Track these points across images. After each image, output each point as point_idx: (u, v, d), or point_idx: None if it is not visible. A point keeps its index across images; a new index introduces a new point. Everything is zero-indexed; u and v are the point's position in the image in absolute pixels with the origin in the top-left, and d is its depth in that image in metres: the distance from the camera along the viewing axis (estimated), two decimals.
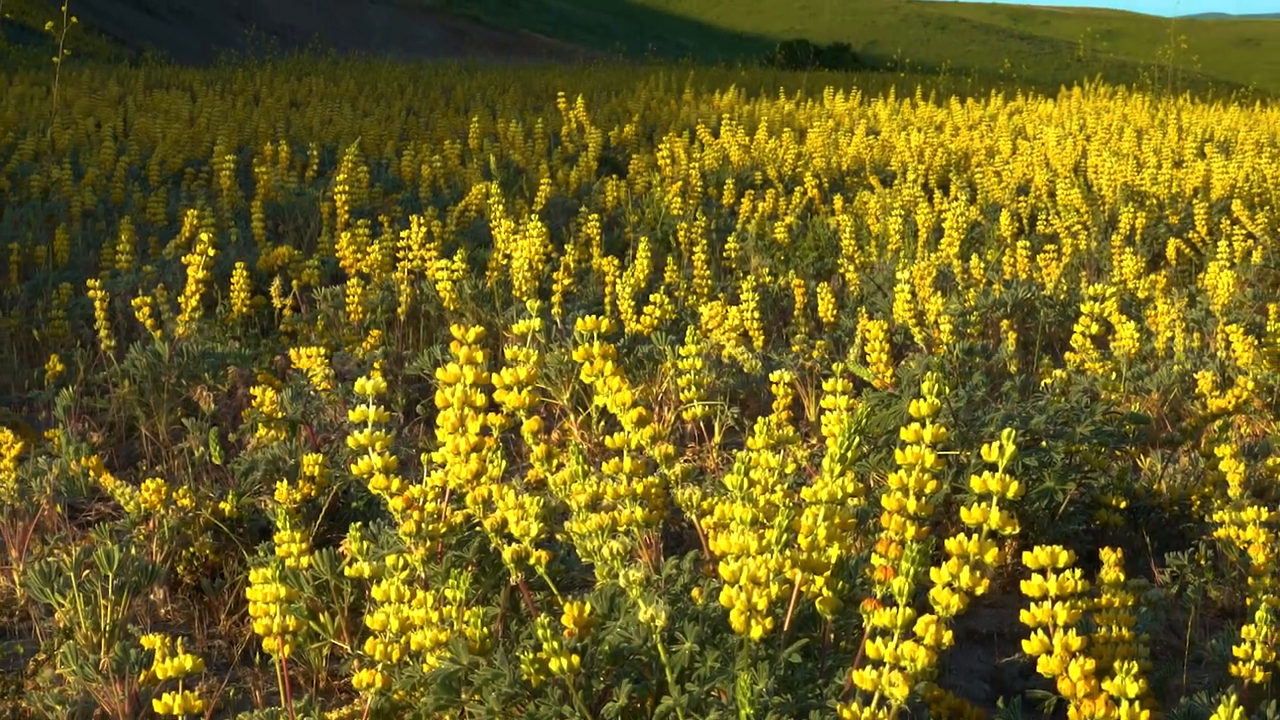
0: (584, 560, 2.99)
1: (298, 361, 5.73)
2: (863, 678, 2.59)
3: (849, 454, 2.81)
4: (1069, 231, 10.05)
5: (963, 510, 2.65)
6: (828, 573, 2.79)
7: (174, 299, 6.77)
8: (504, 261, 7.98)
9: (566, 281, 7.30)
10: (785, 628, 2.74)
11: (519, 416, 3.06)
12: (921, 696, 2.67)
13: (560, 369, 5.71)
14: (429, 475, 3.33)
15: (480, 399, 3.05)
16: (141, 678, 3.25)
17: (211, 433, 4.82)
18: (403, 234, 8.24)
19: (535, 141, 13.94)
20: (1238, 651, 3.05)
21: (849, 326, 7.27)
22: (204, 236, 7.36)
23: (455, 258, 7.30)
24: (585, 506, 2.98)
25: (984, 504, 2.64)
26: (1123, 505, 4.66)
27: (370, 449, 3.12)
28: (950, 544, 2.62)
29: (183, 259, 7.39)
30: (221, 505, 4.35)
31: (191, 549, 4.32)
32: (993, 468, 2.65)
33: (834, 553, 2.79)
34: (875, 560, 2.70)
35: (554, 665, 2.66)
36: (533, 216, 7.93)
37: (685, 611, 2.78)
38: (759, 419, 3.16)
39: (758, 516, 2.80)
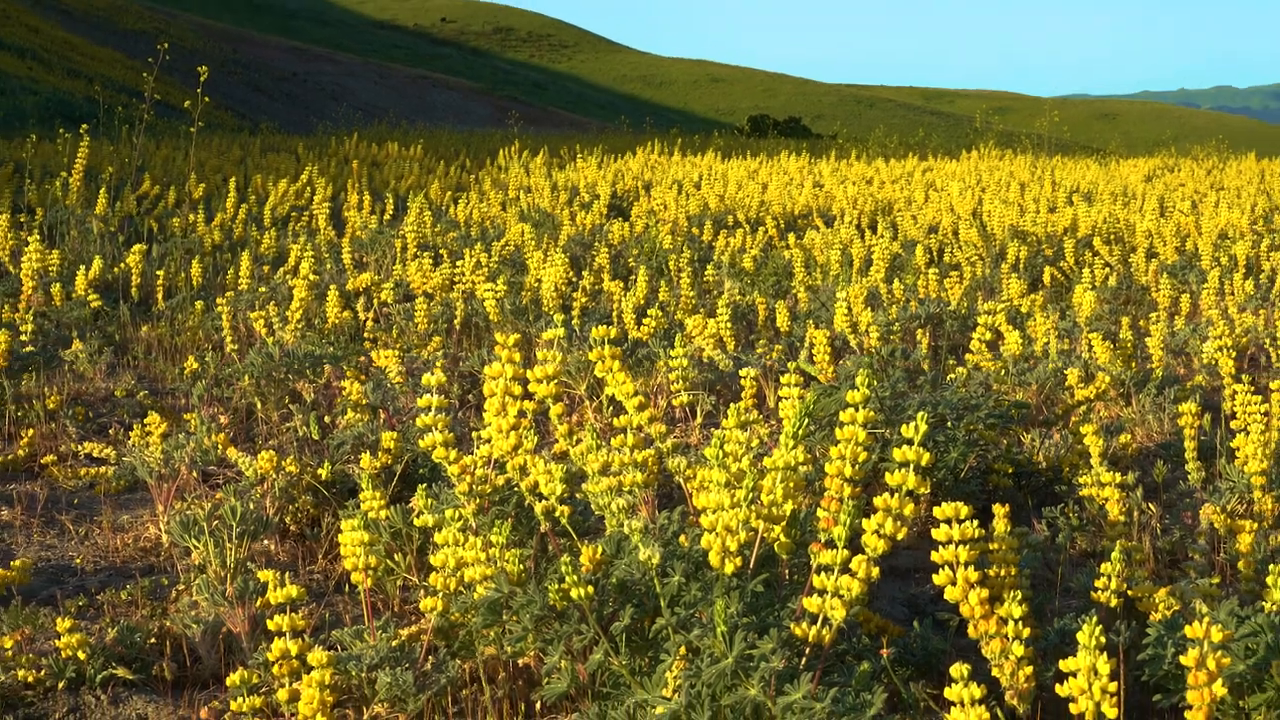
0: (597, 513, 2.99)
1: (378, 361, 5.73)
2: (810, 603, 2.59)
3: (800, 432, 2.81)
4: (968, 261, 10.04)
5: (887, 475, 2.65)
6: (784, 523, 2.79)
7: (282, 313, 6.77)
8: (536, 284, 7.98)
9: (583, 300, 7.29)
10: (751, 565, 2.74)
11: (547, 403, 3.06)
12: (855, 618, 2.67)
13: (579, 366, 5.70)
14: (478, 448, 3.33)
15: (518, 389, 3.05)
16: (258, 603, 3.25)
17: (311, 416, 4.82)
18: (458, 263, 8.25)
19: (559, 193, 13.93)
20: (1098, 583, 3.05)
21: (800, 334, 7.26)
22: (305, 265, 7.37)
23: (498, 281, 7.30)
24: (598, 472, 2.98)
25: (903, 470, 2.64)
26: (1010, 471, 4.66)
27: (434, 428, 3.12)
28: (877, 501, 2.62)
29: (289, 282, 7.40)
30: (319, 471, 4.34)
31: (296, 505, 4.32)
32: (910, 442, 2.65)
33: (789, 507, 2.79)
34: (820, 513, 2.70)
35: (574, 594, 2.66)
36: (557, 250, 7.93)
37: (674, 553, 2.78)
38: (731, 405, 3.16)
39: (730, 479, 2.80)
